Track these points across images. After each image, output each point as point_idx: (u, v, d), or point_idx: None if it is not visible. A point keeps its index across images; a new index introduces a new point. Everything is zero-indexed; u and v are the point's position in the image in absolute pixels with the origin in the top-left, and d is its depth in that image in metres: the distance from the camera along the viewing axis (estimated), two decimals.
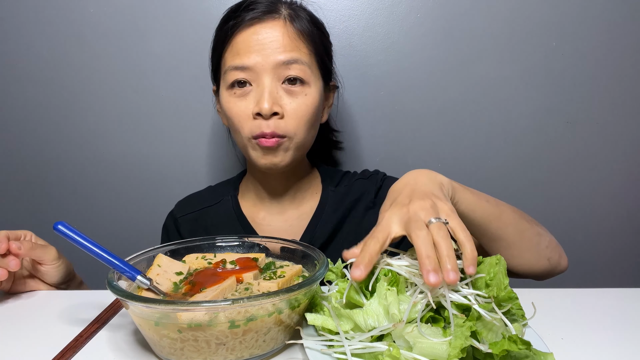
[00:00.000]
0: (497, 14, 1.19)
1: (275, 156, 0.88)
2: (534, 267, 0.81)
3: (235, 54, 0.87)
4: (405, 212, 0.60)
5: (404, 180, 0.69)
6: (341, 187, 1.01)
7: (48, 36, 1.22)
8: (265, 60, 0.85)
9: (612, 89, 1.22)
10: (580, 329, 0.66)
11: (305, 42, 0.89)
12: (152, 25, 1.21)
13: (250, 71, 0.86)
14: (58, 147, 1.29)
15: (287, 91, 0.87)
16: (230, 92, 0.89)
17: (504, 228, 0.76)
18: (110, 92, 1.25)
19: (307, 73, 0.88)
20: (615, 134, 1.24)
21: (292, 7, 0.91)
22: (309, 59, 0.89)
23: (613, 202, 1.28)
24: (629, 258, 1.32)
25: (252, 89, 0.87)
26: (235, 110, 0.88)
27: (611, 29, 1.19)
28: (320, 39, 0.93)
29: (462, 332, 0.50)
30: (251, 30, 0.86)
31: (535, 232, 0.80)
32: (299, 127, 0.88)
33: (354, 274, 0.56)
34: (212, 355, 0.55)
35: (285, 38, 0.86)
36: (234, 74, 0.87)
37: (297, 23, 0.88)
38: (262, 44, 0.85)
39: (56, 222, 0.65)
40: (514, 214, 0.78)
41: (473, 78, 1.22)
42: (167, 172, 1.29)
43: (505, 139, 1.25)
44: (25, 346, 0.63)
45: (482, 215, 0.74)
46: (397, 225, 0.60)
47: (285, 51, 0.86)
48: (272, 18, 0.87)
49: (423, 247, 0.55)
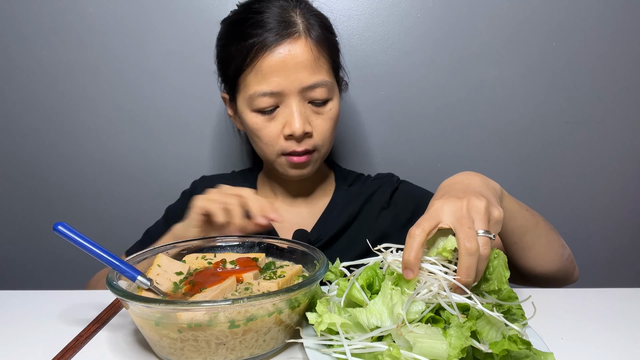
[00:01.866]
0: (497, 14, 1.19)
1: (304, 169, 0.93)
2: (554, 276, 0.82)
3: (260, 80, 0.87)
4: (459, 207, 0.59)
5: (457, 178, 0.69)
6: (354, 187, 1.03)
7: (48, 36, 1.22)
8: (292, 84, 0.87)
9: (612, 89, 1.22)
10: (580, 329, 0.66)
11: (324, 54, 0.90)
12: (152, 25, 1.21)
13: (277, 95, 0.87)
14: (58, 147, 1.28)
15: (314, 110, 0.90)
16: (257, 114, 0.90)
17: (538, 238, 0.77)
18: (110, 92, 1.25)
19: (330, 91, 0.91)
20: (615, 134, 1.24)
21: (304, 14, 0.90)
22: (329, 73, 0.91)
23: (613, 202, 1.28)
24: (629, 258, 1.32)
25: (279, 110, 0.89)
26: (264, 131, 0.90)
27: (611, 29, 1.19)
28: (332, 40, 0.94)
29: (462, 332, 0.50)
30: (275, 54, 0.86)
31: (561, 244, 0.82)
32: (326, 139, 0.93)
33: (407, 276, 0.56)
34: (212, 355, 0.55)
35: (308, 57, 0.87)
36: (262, 101, 0.88)
37: (313, 34, 0.89)
38: (287, 68, 0.86)
39: (56, 223, 0.65)
40: (546, 225, 0.80)
41: (473, 78, 1.22)
42: (167, 172, 1.29)
43: (505, 139, 1.25)
44: (25, 346, 0.63)
45: (521, 224, 0.75)
46: (447, 216, 0.59)
47: (310, 74, 0.87)
48: (292, 37, 0.86)
49: (468, 258, 0.55)
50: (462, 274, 0.55)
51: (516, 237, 0.76)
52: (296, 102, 0.87)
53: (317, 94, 0.88)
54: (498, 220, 0.61)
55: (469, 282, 0.55)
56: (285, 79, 0.86)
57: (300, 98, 0.88)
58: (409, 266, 0.56)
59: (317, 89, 0.88)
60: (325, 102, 0.91)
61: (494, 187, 0.68)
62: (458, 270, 0.56)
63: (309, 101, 0.89)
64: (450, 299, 0.54)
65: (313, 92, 0.88)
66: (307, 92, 0.88)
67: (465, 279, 0.55)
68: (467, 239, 0.56)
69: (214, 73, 1.00)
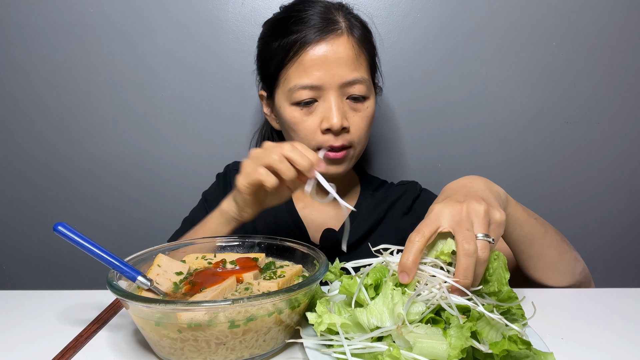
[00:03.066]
0: (497, 14, 1.19)
1: (340, 166, 0.93)
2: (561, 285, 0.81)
3: (301, 73, 0.88)
4: (458, 210, 0.59)
5: (461, 182, 0.69)
6: (379, 192, 1.04)
7: (48, 36, 1.22)
8: (332, 79, 0.88)
9: (612, 89, 1.22)
10: (580, 329, 0.66)
11: (364, 52, 0.92)
12: (153, 25, 1.21)
13: (316, 89, 0.89)
14: (58, 147, 1.28)
15: (351, 106, 0.91)
16: (296, 108, 0.91)
17: (546, 248, 0.76)
18: (110, 92, 1.25)
19: (368, 89, 0.92)
20: (615, 134, 1.24)
21: (347, 15, 0.92)
22: (367, 71, 0.93)
23: (613, 202, 1.28)
24: (629, 258, 1.32)
25: (317, 104, 0.90)
26: (302, 125, 0.91)
27: (611, 29, 1.19)
28: (372, 41, 0.96)
29: (462, 332, 0.50)
30: (317, 49, 0.88)
31: (573, 257, 0.81)
32: (362, 137, 0.93)
33: (402, 280, 0.57)
34: (212, 355, 0.55)
35: (350, 54, 0.89)
36: (301, 93, 0.89)
37: (355, 33, 0.91)
38: (328, 62, 0.87)
39: (56, 224, 0.65)
40: (556, 235, 0.78)
41: (473, 78, 1.22)
42: (167, 172, 1.29)
43: (505, 139, 1.25)
44: (25, 346, 0.63)
45: (528, 232, 0.74)
46: (447, 220, 0.59)
47: (350, 70, 0.88)
48: (335, 34, 0.88)
49: (465, 260, 0.55)
50: (459, 275, 0.55)
51: (523, 246, 0.76)
52: (335, 96, 0.88)
53: (355, 90, 0.90)
54: (499, 223, 0.61)
55: (466, 284, 0.55)
56: (326, 73, 0.87)
57: (339, 93, 0.89)
58: (406, 270, 0.56)
59: (356, 85, 0.89)
60: (363, 100, 0.92)
61: (497, 192, 0.68)
62: (456, 272, 0.56)
63: (348, 97, 0.90)
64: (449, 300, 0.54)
65: (352, 88, 0.89)
66: (346, 87, 0.89)
67: (463, 281, 0.55)
68: (465, 240, 0.56)
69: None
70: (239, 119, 1.25)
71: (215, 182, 1.10)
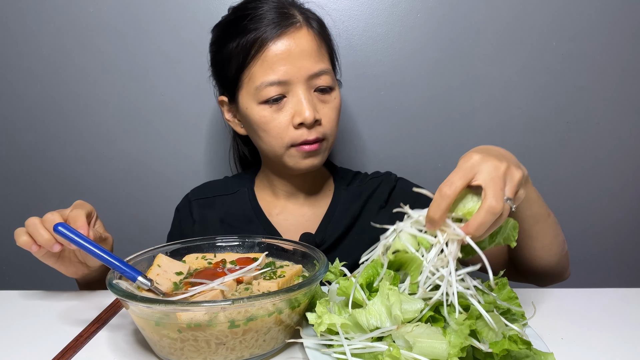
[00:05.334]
0: (497, 14, 1.19)
1: (315, 158, 0.92)
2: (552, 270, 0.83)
3: (267, 69, 0.87)
4: (497, 167, 0.57)
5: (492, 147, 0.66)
6: (353, 187, 1.03)
7: (48, 36, 1.22)
8: (299, 72, 0.87)
9: (612, 89, 1.22)
10: (580, 329, 0.66)
11: (324, 44, 0.92)
12: (152, 26, 1.21)
13: (284, 84, 0.88)
14: (57, 147, 1.29)
15: (320, 98, 0.91)
16: (265, 107, 0.89)
17: (547, 230, 0.77)
18: (109, 92, 1.25)
19: (332, 79, 0.92)
20: (615, 134, 1.24)
21: (300, 9, 0.92)
22: (329, 63, 0.92)
23: (613, 202, 1.28)
24: (629, 258, 1.32)
25: (287, 100, 0.89)
26: (274, 123, 0.89)
27: (611, 29, 1.19)
28: (329, 36, 0.96)
29: (461, 330, 0.50)
30: (279, 44, 0.87)
31: (563, 239, 0.82)
32: (333, 128, 0.93)
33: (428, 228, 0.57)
34: (212, 355, 0.55)
35: (312, 45, 0.89)
36: (269, 90, 0.87)
37: (313, 25, 0.91)
38: (293, 56, 0.87)
39: (56, 224, 0.66)
40: (554, 218, 0.80)
41: (473, 78, 1.22)
42: (166, 172, 1.29)
43: (505, 139, 1.25)
44: (25, 346, 0.63)
45: (536, 212, 0.75)
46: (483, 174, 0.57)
47: (315, 62, 0.88)
48: (295, 27, 0.88)
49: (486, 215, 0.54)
50: (473, 226, 0.54)
51: (527, 225, 0.76)
52: (303, 90, 0.88)
53: (322, 82, 0.89)
54: (520, 197, 0.61)
55: (475, 237, 0.55)
56: (292, 67, 0.87)
57: (307, 86, 0.88)
58: (432, 223, 0.57)
59: (322, 76, 0.89)
60: (330, 91, 0.91)
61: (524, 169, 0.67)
62: (471, 222, 0.55)
63: (315, 90, 0.90)
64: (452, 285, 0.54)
65: (319, 79, 0.89)
66: (313, 79, 0.89)
67: (474, 233, 0.54)
68: (495, 198, 0.55)
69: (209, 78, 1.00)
70: None
71: (174, 217, 1.06)
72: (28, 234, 0.72)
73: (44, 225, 0.71)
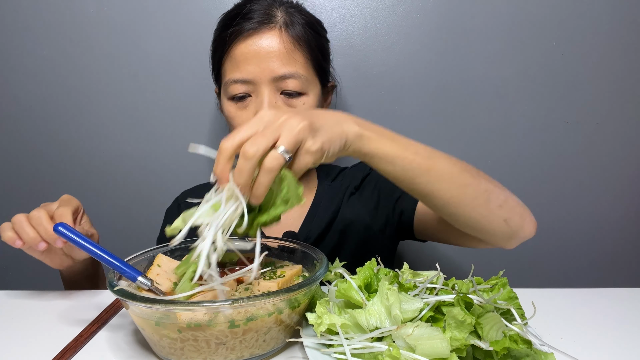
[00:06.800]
0: (497, 14, 1.19)
1: None
2: (485, 228, 0.73)
3: (234, 67, 0.89)
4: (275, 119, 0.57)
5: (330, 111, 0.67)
6: (337, 182, 1.03)
7: (48, 36, 1.22)
8: (263, 73, 0.87)
9: (612, 89, 1.22)
10: (580, 329, 0.66)
11: (301, 50, 0.90)
12: (152, 26, 1.21)
13: (249, 83, 0.88)
14: (57, 147, 1.29)
15: (285, 102, 0.90)
16: (232, 103, 0.92)
17: (435, 183, 0.68)
18: (109, 92, 1.25)
19: (303, 84, 0.90)
20: (615, 134, 1.24)
21: (288, 11, 0.91)
22: (305, 68, 0.90)
23: (613, 202, 1.28)
24: (629, 258, 1.32)
25: (251, 99, 0.90)
26: (237, 120, 0.91)
27: (611, 29, 1.19)
28: (317, 41, 0.94)
29: (463, 328, 0.50)
30: (248, 42, 0.88)
31: (483, 189, 0.71)
32: None
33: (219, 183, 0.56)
34: (212, 355, 0.55)
35: (281, 49, 0.88)
36: (234, 87, 0.89)
37: (292, 30, 0.89)
38: (259, 56, 0.87)
39: (56, 224, 0.66)
40: (452, 167, 0.70)
41: (473, 78, 1.22)
42: (167, 172, 1.29)
43: (505, 139, 1.25)
44: (26, 346, 0.63)
45: (403, 169, 0.66)
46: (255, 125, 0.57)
47: (282, 64, 0.87)
48: (268, 27, 0.88)
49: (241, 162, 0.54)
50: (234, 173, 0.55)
51: (406, 184, 0.69)
52: (267, 91, 0.88)
53: (288, 85, 0.88)
54: (308, 151, 0.57)
55: (240, 184, 0.55)
56: (257, 67, 0.87)
57: (271, 88, 0.88)
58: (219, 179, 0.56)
59: (289, 80, 0.88)
60: (298, 95, 0.90)
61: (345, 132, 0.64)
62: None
63: (282, 92, 0.89)
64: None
65: (284, 83, 0.88)
66: (279, 82, 0.88)
67: (237, 180, 0.54)
68: (251, 142, 0.54)
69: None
70: None
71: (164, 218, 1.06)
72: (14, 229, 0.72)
73: (30, 222, 0.71)
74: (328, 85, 1.00)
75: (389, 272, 0.59)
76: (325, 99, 1.00)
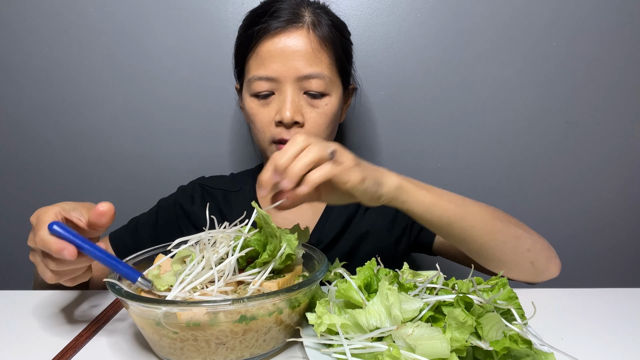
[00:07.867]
0: (497, 14, 1.19)
1: None
2: (514, 271, 0.77)
3: (259, 64, 0.89)
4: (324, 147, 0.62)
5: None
6: None
7: (48, 36, 1.22)
8: (288, 72, 0.87)
9: (612, 89, 1.22)
10: (580, 329, 0.66)
11: (327, 50, 0.90)
12: (152, 25, 1.21)
13: (273, 81, 0.89)
14: (58, 146, 1.28)
15: (308, 102, 0.90)
16: (254, 99, 0.92)
17: (469, 230, 0.72)
18: (110, 92, 1.25)
19: (327, 85, 0.90)
20: (615, 134, 1.24)
21: (316, 11, 0.92)
22: (330, 69, 0.91)
23: (613, 202, 1.29)
24: (629, 258, 1.32)
25: (274, 97, 0.90)
26: (258, 116, 0.91)
27: (611, 29, 1.19)
28: (341, 42, 0.95)
29: (464, 328, 0.50)
30: (275, 40, 0.88)
31: (512, 235, 0.76)
32: (318, 134, 0.91)
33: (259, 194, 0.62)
34: (212, 355, 0.55)
35: (307, 48, 0.88)
36: (258, 84, 0.89)
37: (319, 30, 0.90)
38: (285, 55, 0.87)
39: (51, 223, 0.59)
40: (483, 214, 0.74)
41: (473, 78, 1.22)
42: (167, 171, 1.29)
43: (505, 139, 1.25)
44: (26, 346, 0.63)
45: (440, 217, 0.71)
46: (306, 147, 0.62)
47: (307, 64, 0.87)
48: (296, 27, 0.88)
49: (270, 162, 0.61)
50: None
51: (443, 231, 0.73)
52: (291, 90, 0.88)
53: (312, 85, 0.89)
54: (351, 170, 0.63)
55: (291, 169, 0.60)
56: (282, 66, 0.87)
57: (295, 87, 0.88)
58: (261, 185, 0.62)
59: (313, 80, 0.88)
60: (321, 96, 0.90)
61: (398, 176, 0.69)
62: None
63: (305, 92, 0.90)
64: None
65: (309, 82, 0.88)
66: (303, 82, 0.88)
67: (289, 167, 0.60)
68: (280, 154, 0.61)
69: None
70: (240, 118, 1.25)
71: (174, 194, 1.06)
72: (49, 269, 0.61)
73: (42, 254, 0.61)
74: (349, 88, 1.01)
75: (389, 272, 0.59)
76: (345, 101, 1.01)
